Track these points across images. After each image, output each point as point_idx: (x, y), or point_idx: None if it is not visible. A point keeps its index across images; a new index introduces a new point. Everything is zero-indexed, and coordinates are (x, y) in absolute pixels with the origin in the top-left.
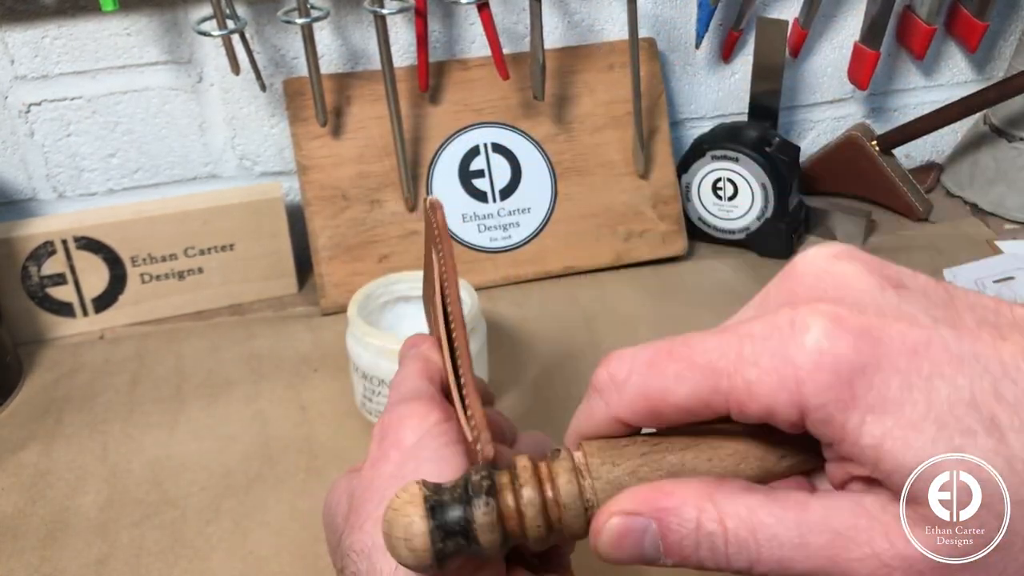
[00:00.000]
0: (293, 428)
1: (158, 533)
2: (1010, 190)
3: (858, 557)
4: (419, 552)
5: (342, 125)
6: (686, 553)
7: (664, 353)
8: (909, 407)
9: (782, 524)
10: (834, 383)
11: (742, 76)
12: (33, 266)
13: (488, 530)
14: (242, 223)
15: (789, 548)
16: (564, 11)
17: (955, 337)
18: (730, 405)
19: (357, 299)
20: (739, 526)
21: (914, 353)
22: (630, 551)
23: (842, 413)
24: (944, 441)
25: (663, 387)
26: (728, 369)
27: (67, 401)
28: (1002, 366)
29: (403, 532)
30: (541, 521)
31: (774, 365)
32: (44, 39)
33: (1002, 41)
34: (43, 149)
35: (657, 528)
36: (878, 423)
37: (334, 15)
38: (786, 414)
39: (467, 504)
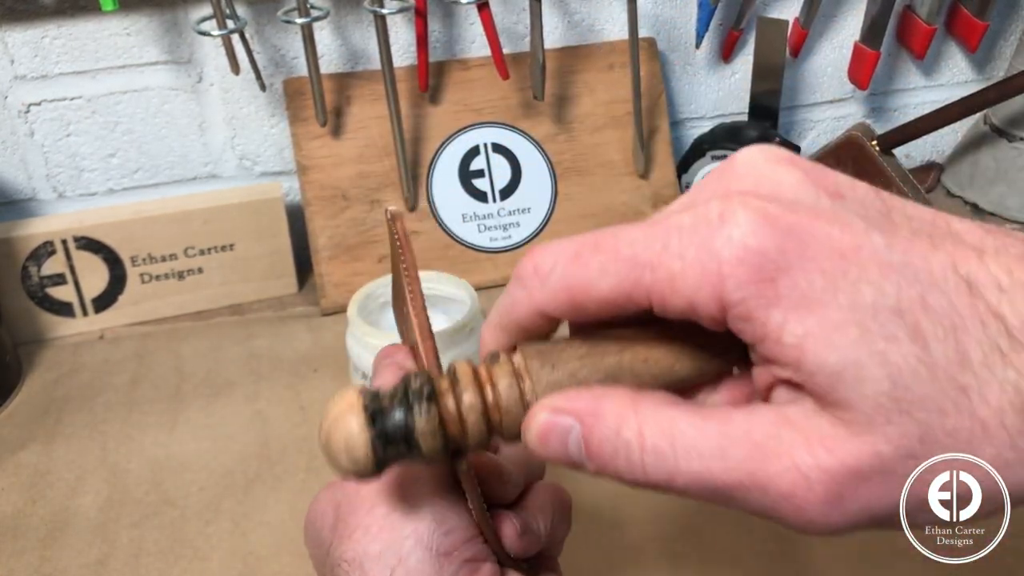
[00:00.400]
0: (293, 428)
1: (158, 533)
2: (1010, 190)
3: (778, 470)
4: (360, 461)
5: (342, 125)
6: (605, 460)
7: (590, 245)
8: (833, 308)
9: (702, 435)
10: (757, 279)
11: (742, 76)
12: (33, 266)
13: (430, 436)
14: (242, 223)
15: (708, 459)
16: (564, 11)
17: (886, 245)
18: (652, 299)
19: (357, 299)
20: (658, 436)
21: (842, 256)
22: (556, 449)
23: (764, 310)
24: (866, 344)
25: (587, 279)
26: (652, 261)
27: (67, 401)
28: (931, 276)
29: (343, 442)
30: (483, 425)
31: (698, 258)
32: (44, 39)
33: (1002, 41)
34: (43, 149)
35: (580, 431)
36: (799, 322)
37: (334, 15)
38: (707, 309)
39: (407, 410)
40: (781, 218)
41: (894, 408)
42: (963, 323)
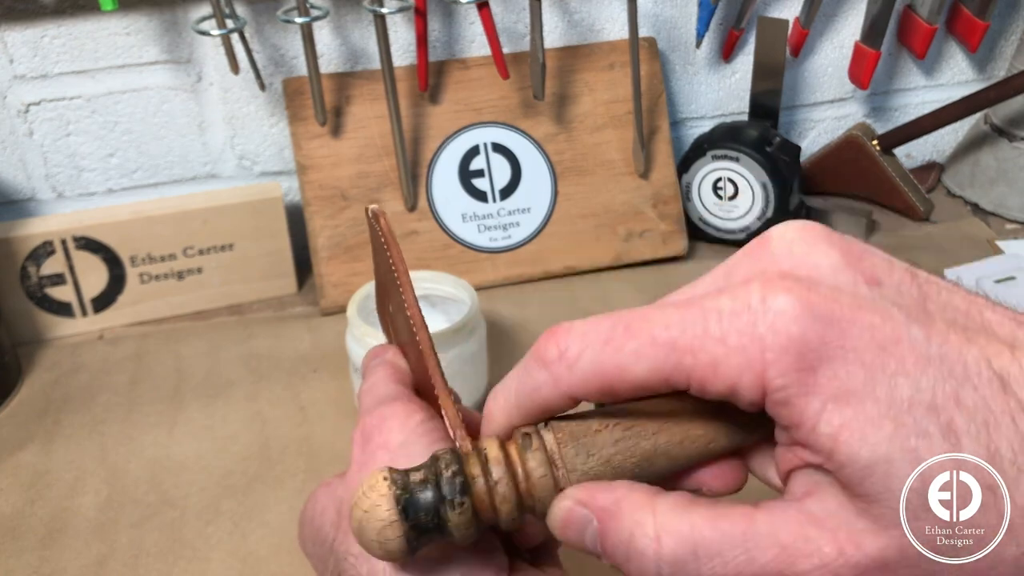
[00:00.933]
0: (292, 428)
1: (157, 533)
2: (1011, 190)
3: (806, 569)
4: (394, 553)
5: (342, 125)
6: (619, 560)
7: (621, 329)
8: (871, 402)
9: (727, 539)
10: (798, 367)
11: (742, 76)
12: (32, 266)
13: (464, 528)
14: (241, 223)
15: (734, 564)
16: (564, 10)
17: (924, 337)
18: (692, 383)
19: (356, 299)
20: (679, 544)
21: (882, 348)
22: (575, 539)
23: (803, 398)
24: (900, 440)
25: (620, 364)
26: (693, 346)
27: (66, 401)
28: (965, 370)
29: (376, 535)
30: (516, 514)
31: (741, 344)
32: (43, 38)
33: (1003, 41)
34: (42, 149)
35: (598, 527)
36: (837, 413)
37: (334, 14)
38: (749, 394)
39: (440, 501)
40: (823, 306)
41: (921, 505)
42: (995, 420)
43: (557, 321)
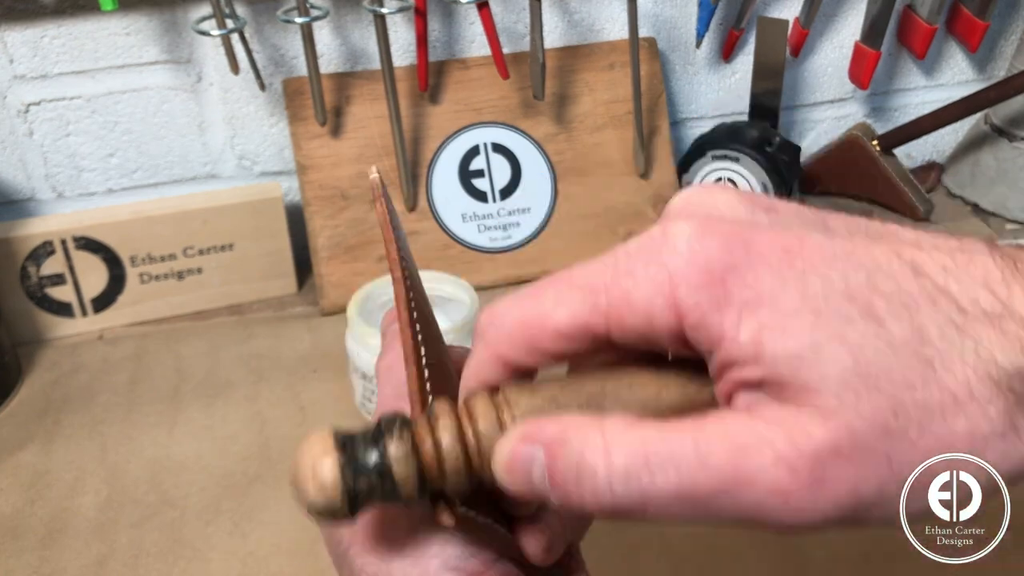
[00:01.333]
0: (292, 428)
1: (157, 533)
2: (1011, 190)
3: (760, 464)
4: (329, 492)
5: (342, 125)
6: (569, 489)
7: (544, 283)
8: (784, 300)
9: (678, 446)
10: (707, 281)
11: (743, 76)
12: (32, 266)
13: (403, 462)
14: (241, 223)
15: (688, 468)
16: (564, 10)
17: (827, 239)
18: (610, 323)
19: (357, 299)
20: (629, 456)
21: (786, 252)
22: (522, 480)
23: (717, 312)
24: (822, 327)
25: (541, 312)
26: (606, 284)
27: (66, 401)
28: (875, 262)
29: (310, 469)
30: (459, 451)
31: (648, 272)
32: (43, 39)
33: (1003, 41)
34: (42, 149)
35: (544, 458)
36: (754, 317)
37: (334, 14)
38: (664, 320)
39: (379, 437)
40: (722, 226)
41: (860, 384)
42: (914, 302)
43: None
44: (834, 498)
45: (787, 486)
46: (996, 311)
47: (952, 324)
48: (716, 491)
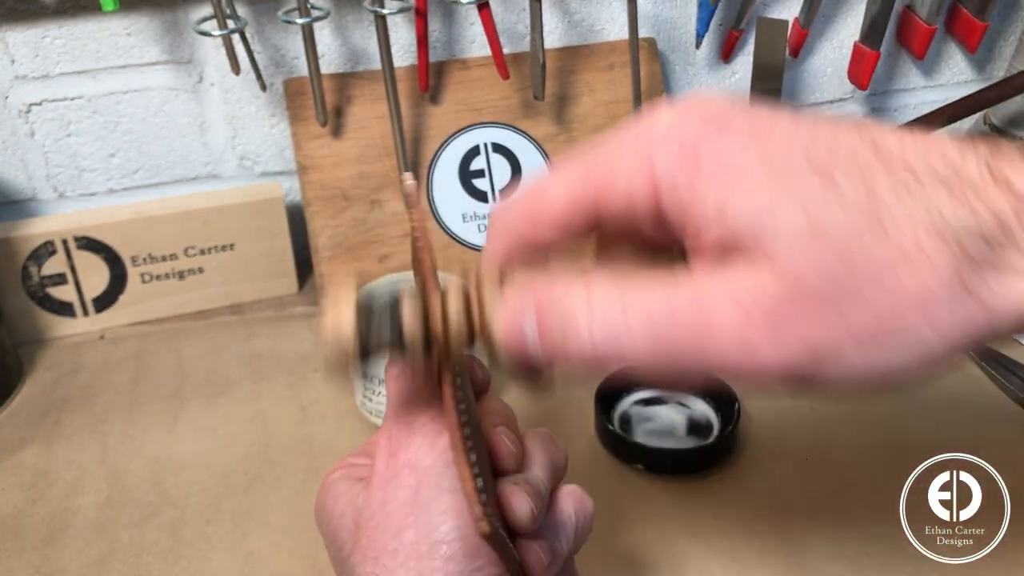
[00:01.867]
0: (293, 428)
1: (158, 533)
2: None
3: (724, 316)
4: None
5: (342, 125)
6: (555, 343)
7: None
8: (748, 168)
9: (652, 299)
10: (681, 156)
11: (742, 76)
12: (33, 266)
13: (411, 312)
14: (242, 223)
15: (660, 318)
16: (564, 11)
17: (793, 120)
18: (598, 199)
19: None
20: (608, 305)
21: (754, 129)
22: (517, 343)
23: (688, 184)
24: (780, 190)
25: (543, 194)
26: (596, 162)
27: (67, 401)
28: (837, 138)
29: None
30: (462, 313)
31: (632, 149)
32: (44, 39)
33: (1002, 41)
34: (43, 149)
35: (535, 315)
36: (720, 184)
37: (334, 15)
38: (642, 194)
39: (395, 297)
40: (700, 109)
41: (812, 239)
42: (871, 170)
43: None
44: (789, 346)
45: (747, 335)
46: (948, 176)
47: (905, 188)
48: (685, 341)
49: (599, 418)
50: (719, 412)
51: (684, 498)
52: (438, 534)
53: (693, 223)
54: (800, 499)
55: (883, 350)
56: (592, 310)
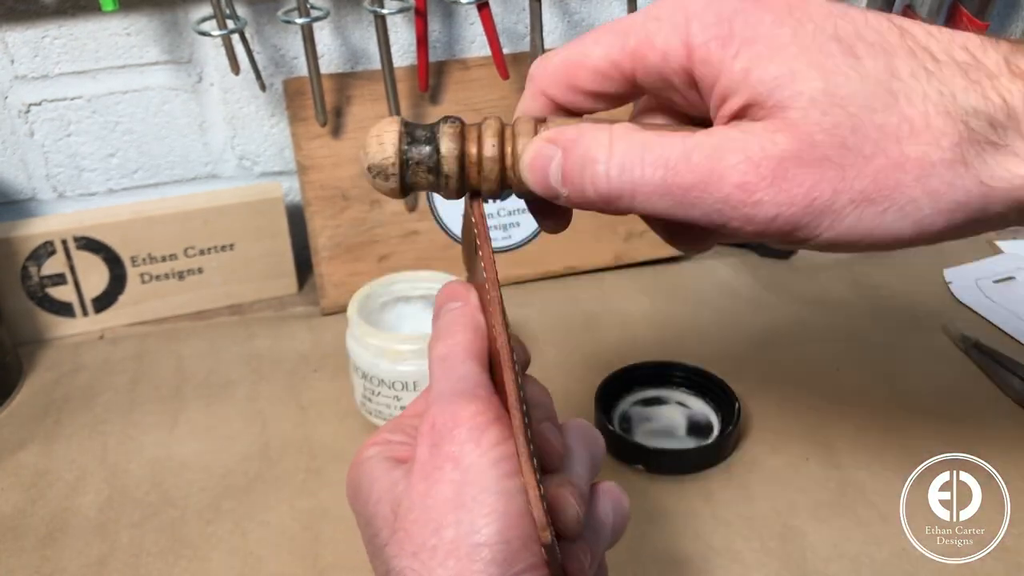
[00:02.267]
0: (293, 428)
1: (158, 533)
2: None
3: (732, 163)
4: (387, 150)
5: (342, 125)
6: (574, 179)
7: (590, 31)
8: (777, 38)
9: (669, 145)
10: (716, 22)
11: None
12: (33, 266)
13: (449, 138)
14: (242, 223)
15: (673, 163)
16: (564, 11)
17: (827, 3)
18: (635, 61)
19: (357, 299)
20: (628, 147)
21: (788, 4)
22: (540, 175)
23: (720, 49)
24: (804, 57)
25: (582, 51)
26: (634, 26)
27: (67, 401)
28: (866, 20)
29: (377, 134)
30: (497, 143)
31: (670, 14)
32: (44, 39)
33: None
34: (43, 149)
35: (560, 155)
36: (749, 49)
37: (334, 15)
38: (677, 57)
39: (436, 127)
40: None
41: (827, 103)
42: (893, 50)
43: (557, 320)
44: (789, 195)
45: (751, 181)
46: (967, 63)
47: (924, 69)
48: (694, 184)
49: (599, 418)
50: (719, 412)
51: (684, 498)
52: (480, 536)
53: (721, 88)
54: (800, 499)
55: (878, 212)
56: (612, 150)
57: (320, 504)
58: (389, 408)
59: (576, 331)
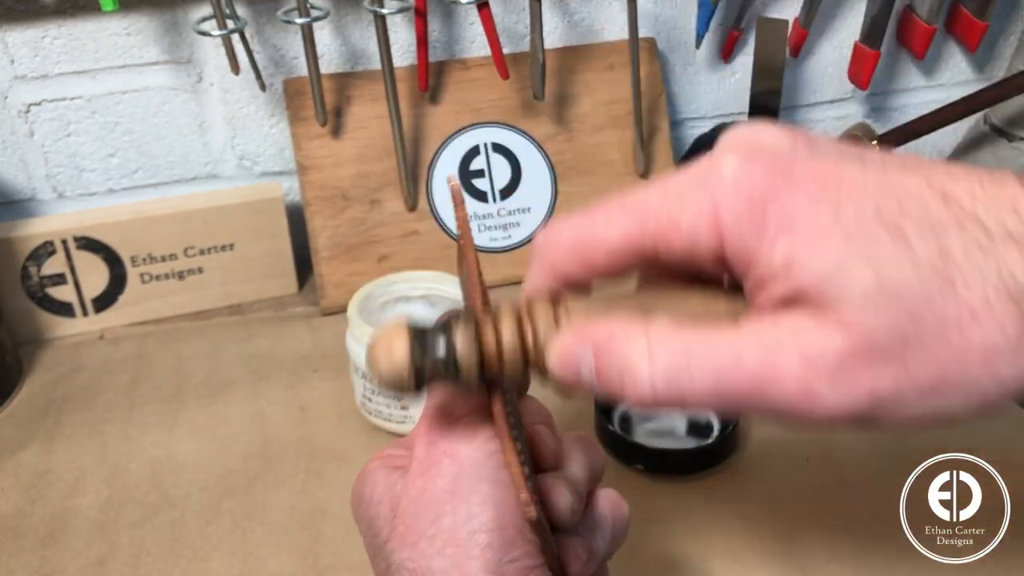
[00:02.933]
0: (293, 428)
1: (158, 533)
2: None
3: (788, 365)
4: (398, 366)
5: (342, 125)
6: (614, 387)
7: (597, 206)
8: (817, 224)
9: (716, 347)
10: (748, 207)
11: (742, 76)
12: (33, 266)
13: (466, 343)
14: (242, 223)
15: (724, 368)
16: (564, 11)
17: (861, 169)
18: (658, 243)
19: (357, 299)
20: (672, 356)
21: (822, 180)
22: (571, 374)
23: (756, 236)
24: (852, 248)
25: (594, 231)
26: (655, 207)
27: (67, 401)
28: (906, 190)
29: (385, 347)
30: (516, 340)
31: (695, 197)
32: (44, 39)
33: (1002, 41)
34: (43, 149)
35: (592, 357)
36: (787, 239)
37: (334, 15)
38: (708, 243)
39: (447, 323)
40: (764, 156)
41: (882, 299)
42: (942, 226)
43: None
44: (852, 396)
45: (811, 385)
46: (1020, 232)
47: (977, 245)
48: (748, 390)
49: (599, 418)
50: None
51: (684, 498)
52: (476, 523)
53: (759, 275)
54: (800, 499)
55: (943, 398)
56: (654, 358)
57: (320, 504)
58: (389, 408)
59: None
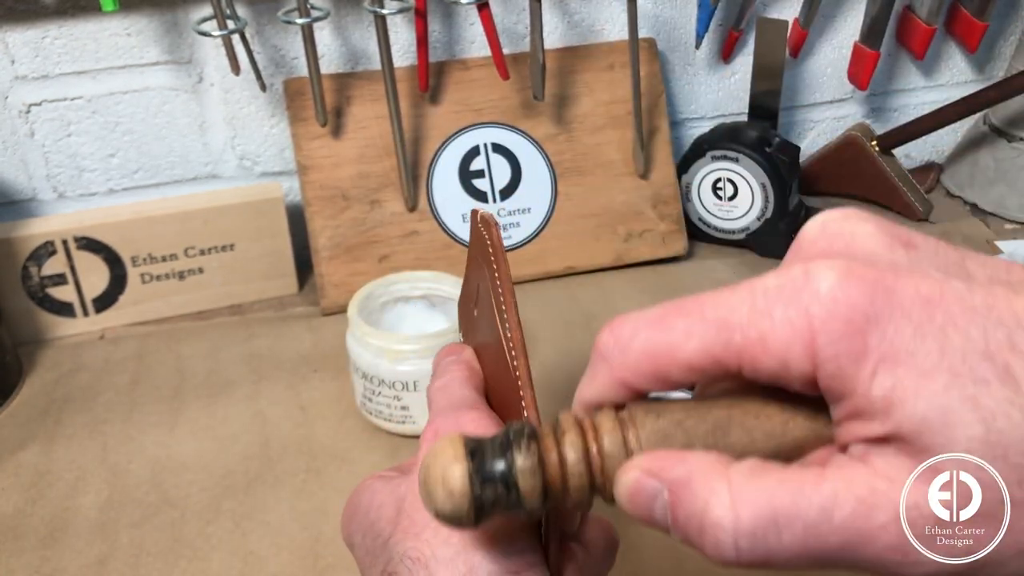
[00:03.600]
0: (293, 428)
1: (158, 533)
2: (1010, 190)
3: (883, 522)
4: (456, 497)
5: (342, 125)
6: (691, 535)
7: (673, 309)
8: (922, 356)
9: (805, 501)
10: (847, 332)
11: (742, 76)
12: (33, 266)
13: (529, 474)
14: (242, 223)
15: (813, 527)
16: (564, 11)
17: (967, 289)
18: (742, 361)
19: (357, 299)
20: (757, 513)
21: (927, 303)
22: (643, 510)
23: (854, 365)
24: (957, 389)
25: (670, 343)
26: (741, 322)
27: (67, 401)
28: (1015, 318)
29: (440, 475)
30: (583, 468)
31: (788, 316)
32: (44, 39)
33: (1002, 41)
34: (43, 149)
35: (668, 497)
36: (889, 373)
37: (334, 15)
38: (800, 367)
39: (508, 448)
40: (864, 271)
41: (987, 453)
42: None
43: (557, 320)
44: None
45: (908, 544)
46: None
47: None
48: (838, 544)
49: None
50: None
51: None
52: None
53: (853, 406)
54: None
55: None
56: (738, 515)
57: (320, 504)
58: (389, 408)
59: (576, 331)
